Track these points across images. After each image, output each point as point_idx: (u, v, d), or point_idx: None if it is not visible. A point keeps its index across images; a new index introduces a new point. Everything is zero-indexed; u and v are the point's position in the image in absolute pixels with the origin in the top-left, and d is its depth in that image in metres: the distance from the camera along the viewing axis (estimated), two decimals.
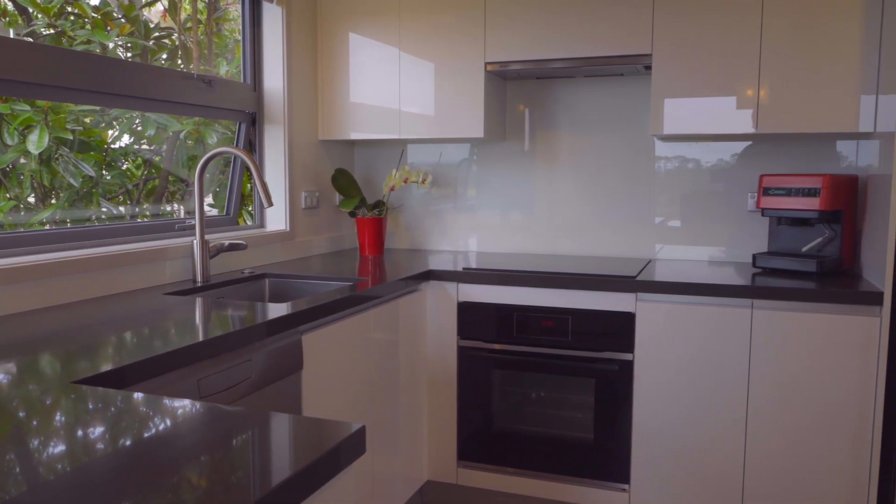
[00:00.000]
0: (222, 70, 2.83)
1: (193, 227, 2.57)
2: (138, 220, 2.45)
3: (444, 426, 2.69)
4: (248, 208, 2.99)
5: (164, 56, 2.58)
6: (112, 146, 2.45)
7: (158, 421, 1.03)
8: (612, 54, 2.61)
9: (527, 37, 2.71)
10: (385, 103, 2.94)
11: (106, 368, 1.29)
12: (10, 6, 2.05)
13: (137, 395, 1.15)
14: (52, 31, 2.16)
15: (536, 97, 3.07)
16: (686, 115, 2.55)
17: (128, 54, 2.45)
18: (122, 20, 2.39)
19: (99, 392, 1.18)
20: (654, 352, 2.39)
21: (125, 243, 2.28)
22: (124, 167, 2.53)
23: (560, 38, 2.67)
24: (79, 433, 0.99)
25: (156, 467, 0.86)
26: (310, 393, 1.92)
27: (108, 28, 2.32)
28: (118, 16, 2.38)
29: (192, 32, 2.64)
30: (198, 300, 1.98)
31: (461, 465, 2.69)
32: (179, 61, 2.62)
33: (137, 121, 2.48)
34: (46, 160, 2.15)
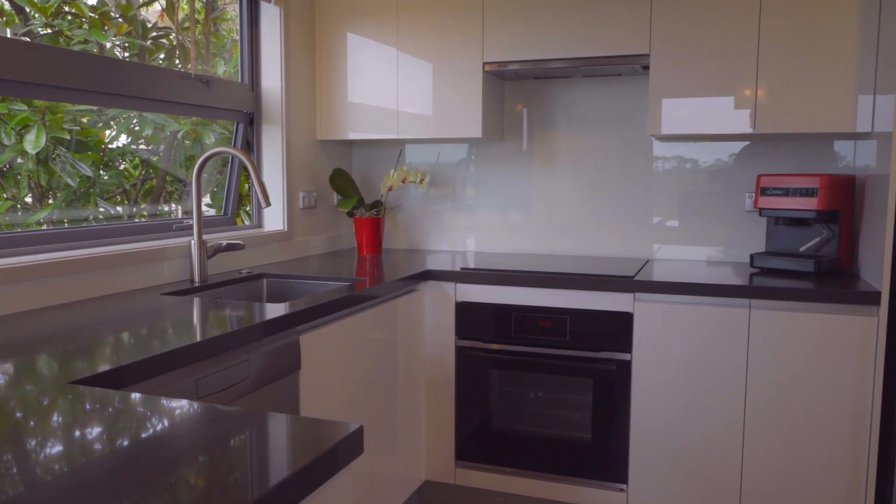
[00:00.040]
0: (220, 70, 2.83)
1: (191, 228, 2.57)
2: (136, 221, 2.44)
3: (442, 426, 2.69)
4: (246, 208, 2.99)
5: (162, 56, 2.58)
6: (109, 146, 2.45)
7: (156, 421, 1.03)
8: (610, 54, 2.62)
9: (525, 37, 2.71)
10: (383, 103, 2.94)
11: (103, 369, 1.29)
12: (7, 5, 2.04)
13: (135, 396, 1.15)
14: (50, 31, 2.16)
15: (534, 97, 3.07)
16: (684, 115, 2.55)
17: (125, 54, 2.44)
18: (120, 20, 2.39)
19: (96, 392, 1.17)
20: (652, 352, 2.40)
21: (123, 243, 2.28)
22: (122, 167, 2.52)
23: (558, 39, 2.67)
24: (76, 434, 0.98)
25: (153, 468, 0.86)
26: (308, 393, 1.92)
27: (106, 28, 2.32)
28: (115, 15, 2.38)
29: (190, 32, 2.64)
30: (195, 300, 1.98)
31: (459, 466, 2.69)
32: (177, 61, 2.62)
33: (135, 121, 2.47)
34: (44, 160, 2.15)
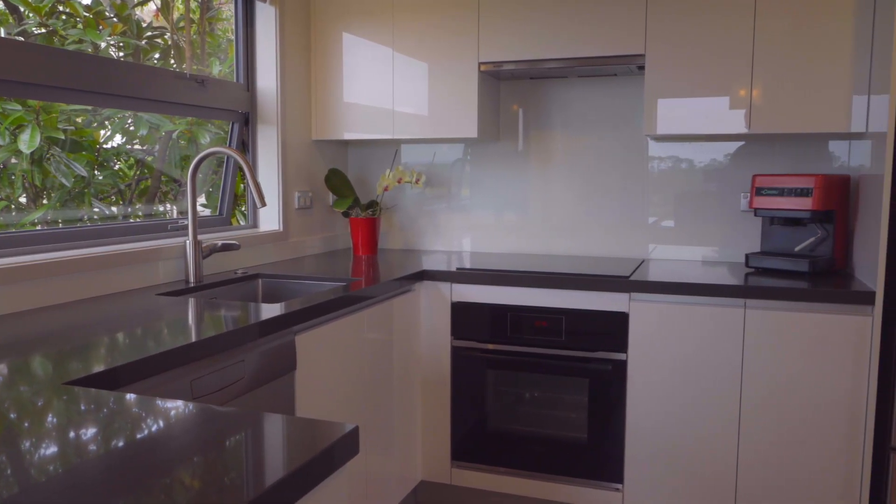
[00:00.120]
0: (215, 70, 2.82)
1: (186, 228, 2.56)
2: (131, 221, 2.44)
3: (438, 426, 2.69)
4: (241, 208, 2.99)
5: (157, 56, 2.57)
6: (104, 146, 2.44)
7: (151, 422, 1.02)
8: (606, 54, 2.62)
9: (520, 37, 2.71)
10: (379, 103, 2.93)
11: (98, 369, 1.29)
12: (1, 5, 2.04)
13: (130, 397, 1.15)
14: (44, 31, 2.15)
15: (530, 97, 3.07)
16: (679, 116, 2.55)
17: (120, 54, 2.44)
18: (115, 19, 2.38)
19: (91, 393, 1.17)
20: (648, 351, 2.40)
21: (118, 244, 2.27)
22: (116, 167, 2.52)
23: (554, 39, 2.67)
24: (71, 434, 0.98)
25: (149, 469, 0.86)
26: (303, 393, 1.92)
27: (100, 27, 2.31)
28: (110, 15, 2.37)
29: (185, 32, 2.63)
30: (191, 300, 1.97)
31: (455, 466, 2.69)
32: (172, 61, 2.61)
33: (130, 120, 2.47)
34: (38, 160, 2.14)
